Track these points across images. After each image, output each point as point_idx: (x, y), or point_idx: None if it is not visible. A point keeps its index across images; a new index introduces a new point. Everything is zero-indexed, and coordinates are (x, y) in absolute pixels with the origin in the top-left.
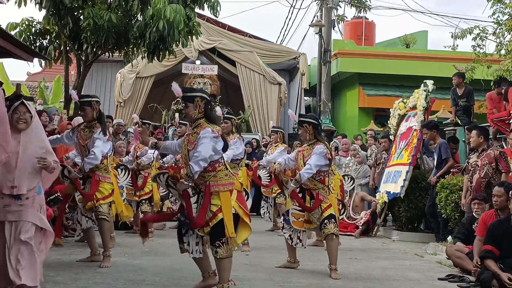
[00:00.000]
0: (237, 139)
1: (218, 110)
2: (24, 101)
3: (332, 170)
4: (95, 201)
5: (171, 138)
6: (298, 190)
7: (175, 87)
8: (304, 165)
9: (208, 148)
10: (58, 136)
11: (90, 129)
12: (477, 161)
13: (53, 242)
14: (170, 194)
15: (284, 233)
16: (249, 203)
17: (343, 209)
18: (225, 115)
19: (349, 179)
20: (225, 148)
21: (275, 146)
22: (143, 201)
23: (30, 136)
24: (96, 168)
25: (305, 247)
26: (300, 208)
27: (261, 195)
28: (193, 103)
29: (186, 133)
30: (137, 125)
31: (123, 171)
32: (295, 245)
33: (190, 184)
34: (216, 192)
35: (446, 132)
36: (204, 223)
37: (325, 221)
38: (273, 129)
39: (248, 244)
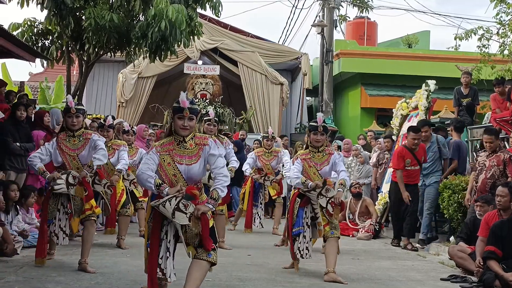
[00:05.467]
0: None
1: (210, 111)
2: None
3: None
4: (94, 209)
5: None
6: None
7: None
8: (317, 171)
9: None
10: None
11: (79, 137)
12: (486, 160)
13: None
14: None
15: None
16: None
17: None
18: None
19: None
20: None
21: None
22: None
23: None
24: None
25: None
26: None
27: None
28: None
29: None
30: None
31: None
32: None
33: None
34: None
35: (449, 132)
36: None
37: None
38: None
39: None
